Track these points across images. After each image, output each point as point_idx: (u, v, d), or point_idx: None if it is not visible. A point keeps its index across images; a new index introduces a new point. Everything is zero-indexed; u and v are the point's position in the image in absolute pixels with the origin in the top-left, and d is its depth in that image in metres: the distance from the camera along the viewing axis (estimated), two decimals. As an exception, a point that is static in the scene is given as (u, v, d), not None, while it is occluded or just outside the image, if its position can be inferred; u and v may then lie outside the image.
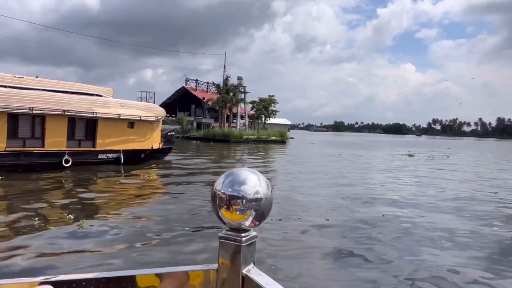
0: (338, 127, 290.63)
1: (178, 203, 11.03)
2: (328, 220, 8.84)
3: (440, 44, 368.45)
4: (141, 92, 67.96)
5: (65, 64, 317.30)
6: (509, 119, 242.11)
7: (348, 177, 17.70)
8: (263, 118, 64.95)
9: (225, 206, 0.99)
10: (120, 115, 18.53)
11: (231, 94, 54.45)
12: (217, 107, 55.79)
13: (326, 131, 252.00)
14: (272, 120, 68.80)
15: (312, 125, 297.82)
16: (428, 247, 7.21)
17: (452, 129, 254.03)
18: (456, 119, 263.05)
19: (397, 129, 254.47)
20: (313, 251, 7.00)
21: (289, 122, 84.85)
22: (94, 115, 17.53)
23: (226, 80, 58.44)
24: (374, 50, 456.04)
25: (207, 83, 72.54)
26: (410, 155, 32.13)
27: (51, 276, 0.99)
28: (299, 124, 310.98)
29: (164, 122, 25.63)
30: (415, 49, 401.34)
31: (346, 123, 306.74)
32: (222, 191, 1.00)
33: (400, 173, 20.33)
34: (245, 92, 58.99)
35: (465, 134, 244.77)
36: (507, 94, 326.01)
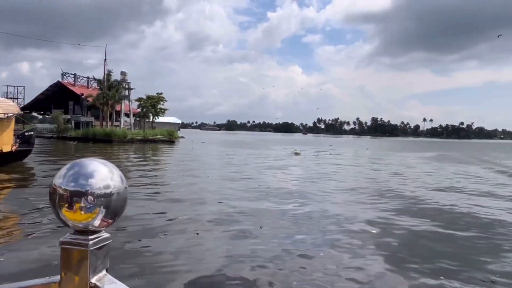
0: (231, 126, 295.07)
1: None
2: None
3: (323, 49, 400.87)
4: (7, 86, 58.52)
5: None
6: (381, 118, 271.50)
7: (230, 177, 16.54)
8: (151, 117, 61.45)
9: (67, 205, 0.83)
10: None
11: (114, 90, 49.17)
12: (98, 104, 49.63)
13: (218, 129, 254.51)
14: (161, 119, 64.60)
15: (205, 124, 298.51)
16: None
17: (334, 128, 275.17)
18: (338, 118, 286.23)
19: (287, 127, 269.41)
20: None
21: (179, 121, 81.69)
22: None
23: (108, 75, 52.36)
24: (264, 51, 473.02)
25: (88, 78, 65.29)
26: (296, 153, 32.56)
27: None
28: (192, 123, 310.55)
29: (42, 121, 21.63)
30: (302, 53, 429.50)
31: (239, 122, 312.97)
32: (63, 187, 0.83)
33: (285, 171, 20.01)
34: (129, 89, 53.84)
35: (345, 132, 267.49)
36: (379, 96, 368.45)
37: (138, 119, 58.98)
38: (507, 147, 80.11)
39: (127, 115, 54.41)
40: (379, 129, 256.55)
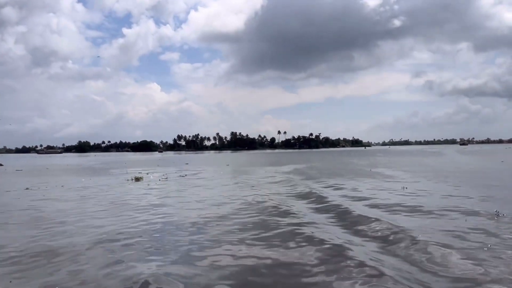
0: (83, 147, 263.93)
1: None
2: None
3: (181, 67, 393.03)
4: None
5: None
6: (240, 133, 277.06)
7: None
8: None
9: None
10: None
11: None
12: None
13: (60, 153, 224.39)
14: None
15: (52, 147, 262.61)
16: None
17: (195, 144, 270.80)
18: (198, 134, 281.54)
19: (145, 146, 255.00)
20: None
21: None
22: None
23: None
24: (121, 68, 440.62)
25: None
26: (137, 179, 24.43)
27: None
28: (37, 146, 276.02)
29: None
30: (160, 70, 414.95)
31: (92, 143, 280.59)
32: None
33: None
34: None
35: (206, 148, 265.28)
36: (237, 112, 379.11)
37: None
38: (352, 153, 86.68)
39: None
40: (239, 143, 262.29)
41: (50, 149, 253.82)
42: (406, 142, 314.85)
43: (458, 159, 48.45)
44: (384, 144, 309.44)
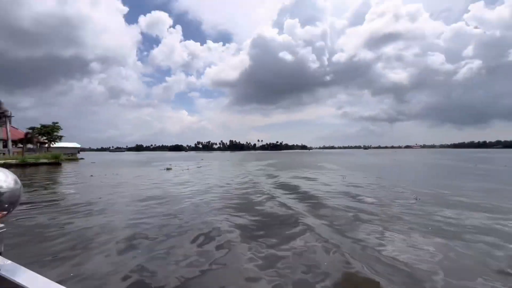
0: (139, 148, 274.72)
1: None
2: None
3: (200, 100, 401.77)
4: None
5: None
6: (235, 140, 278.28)
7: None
8: (49, 143, 47.85)
9: None
10: None
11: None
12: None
13: (123, 151, 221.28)
14: (61, 144, 52.09)
15: (120, 148, 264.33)
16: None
17: (208, 147, 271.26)
18: (210, 141, 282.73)
19: (177, 147, 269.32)
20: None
21: (78, 145, 63.35)
22: None
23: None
24: (163, 101, 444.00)
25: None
26: (168, 169, 24.60)
27: None
28: (109, 147, 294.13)
29: None
30: (188, 102, 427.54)
31: (145, 145, 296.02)
32: None
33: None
34: (7, 116, 37.06)
35: (214, 149, 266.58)
36: (234, 128, 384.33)
37: (21, 145, 41.59)
38: (303, 153, 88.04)
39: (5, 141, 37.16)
40: (234, 147, 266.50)
41: (118, 149, 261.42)
42: (333, 147, 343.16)
43: (367, 158, 50.60)
44: (320, 148, 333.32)
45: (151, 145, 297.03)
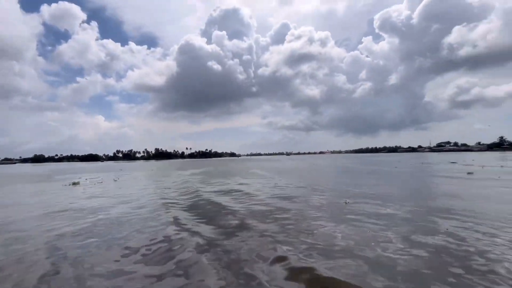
0: (38, 159, 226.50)
1: None
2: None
3: (121, 106, 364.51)
4: None
5: None
6: (161, 148, 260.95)
7: None
8: None
9: None
10: None
11: None
12: None
13: (14, 163, 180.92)
14: None
15: (11, 159, 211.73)
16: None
17: (130, 156, 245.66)
18: (132, 149, 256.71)
19: (91, 157, 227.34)
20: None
21: None
22: None
23: None
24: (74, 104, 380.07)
25: None
26: (75, 183, 20.67)
27: None
28: None
29: None
30: (106, 106, 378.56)
31: (46, 156, 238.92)
32: None
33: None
34: None
35: (137, 158, 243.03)
36: (160, 135, 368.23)
37: None
38: (232, 160, 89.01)
39: None
40: (161, 155, 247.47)
41: (6, 160, 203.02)
42: (259, 154, 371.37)
43: (290, 162, 54.76)
44: (248, 155, 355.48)
45: (56, 155, 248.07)
